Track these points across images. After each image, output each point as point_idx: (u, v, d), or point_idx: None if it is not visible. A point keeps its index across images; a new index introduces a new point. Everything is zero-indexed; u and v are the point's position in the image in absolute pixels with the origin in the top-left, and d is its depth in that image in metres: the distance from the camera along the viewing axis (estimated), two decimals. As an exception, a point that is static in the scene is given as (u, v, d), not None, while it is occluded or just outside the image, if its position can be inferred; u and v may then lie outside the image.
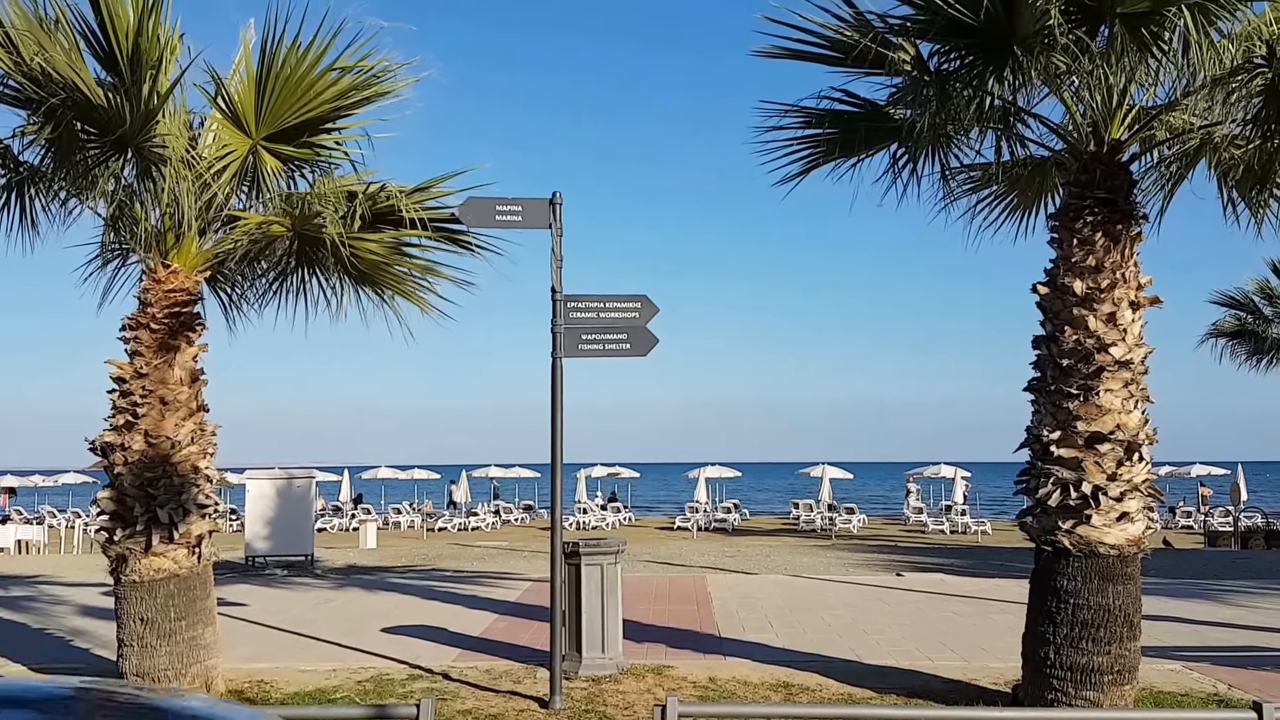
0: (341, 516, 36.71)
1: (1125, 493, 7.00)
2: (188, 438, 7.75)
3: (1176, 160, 8.47)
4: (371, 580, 16.15)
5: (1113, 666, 6.94)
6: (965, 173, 9.00)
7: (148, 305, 7.72)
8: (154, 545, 7.54)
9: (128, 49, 6.67)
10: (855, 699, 7.85)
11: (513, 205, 7.92)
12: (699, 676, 8.50)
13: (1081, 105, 7.27)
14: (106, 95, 6.82)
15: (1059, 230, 7.36)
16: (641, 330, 8.08)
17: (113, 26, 6.65)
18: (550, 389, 7.87)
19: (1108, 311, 7.07)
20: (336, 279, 8.89)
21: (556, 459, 7.88)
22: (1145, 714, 7.07)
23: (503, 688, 8.17)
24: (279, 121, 7.56)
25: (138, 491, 7.57)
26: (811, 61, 7.73)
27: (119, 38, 6.67)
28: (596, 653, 8.56)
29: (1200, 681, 8.29)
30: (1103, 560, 6.96)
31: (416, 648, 9.81)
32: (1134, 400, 7.09)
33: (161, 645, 7.54)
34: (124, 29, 6.63)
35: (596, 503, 40.29)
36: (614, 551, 8.77)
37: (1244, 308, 23.86)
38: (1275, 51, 6.49)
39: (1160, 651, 9.18)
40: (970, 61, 7.02)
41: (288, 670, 8.84)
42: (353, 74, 7.50)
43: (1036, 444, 7.29)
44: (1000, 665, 8.73)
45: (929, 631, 10.66)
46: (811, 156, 8.49)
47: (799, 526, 34.36)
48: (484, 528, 35.22)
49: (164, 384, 7.69)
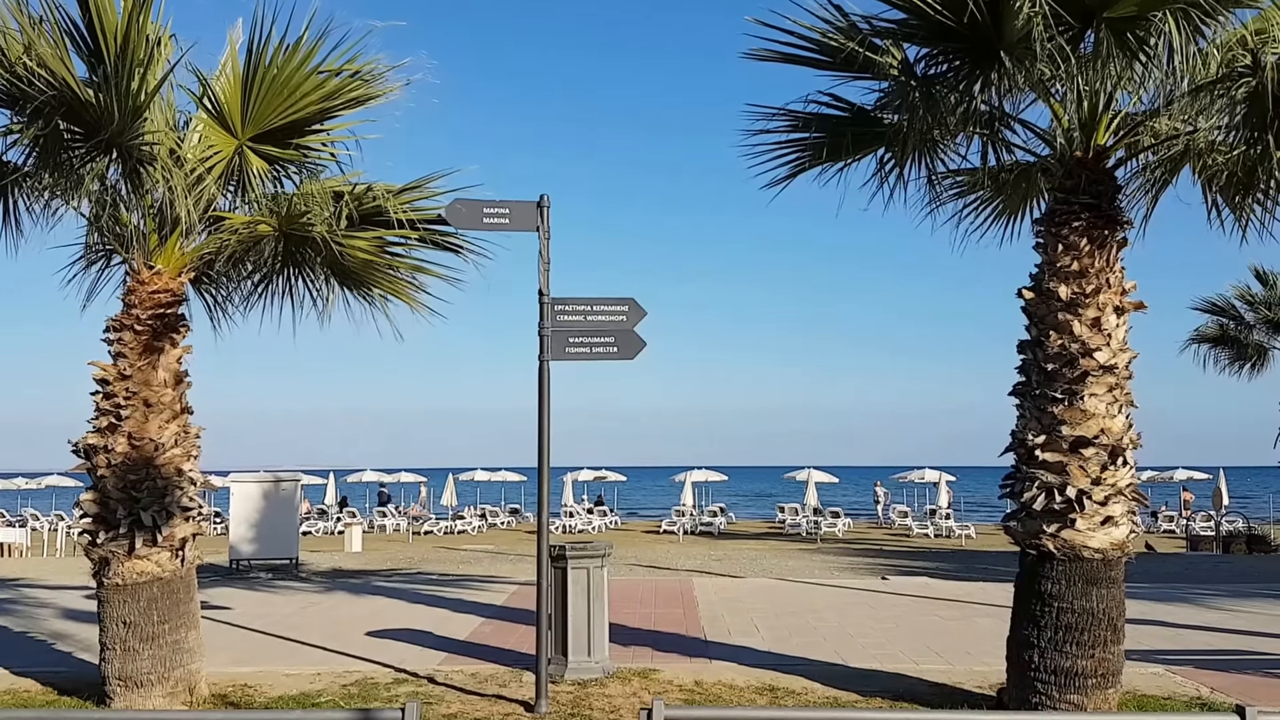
0: (327, 520, 36.57)
1: (1109, 497, 7.03)
2: (171, 440, 7.70)
3: (1161, 166, 8.51)
4: (357, 583, 16.09)
5: (1096, 670, 6.96)
6: (952, 177, 9.02)
7: (132, 307, 7.67)
8: (137, 548, 7.49)
9: (115, 47, 6.63)
10: (841, 702, 7.86)
11: (500, 208, 7.90)
12: (685, 680, 8.49)
13: (1067, 111, 7.31)
14: (94, 94, 6.78)
15: (1044, 235, 7.39)
16: (629, 334, 8.07)
17: (100, 24, 6.62)
18: (537, 392, 7.85)
19: (1092, 316, 7.10)
20: (323, 280, 8.87)
21: (543, 462, 7.86)
22: (1129, 718, 7.10)
23: (488, 691, 8.15)
24: (265, 122, 7.54)
25: (121, 494, 7.52)
26: (800, 65, 7.74)
27: (106, 35, 6.64)
28: (582, 656, 8.54)
29: (1183, 685, 8.32)
30: (1087, 564, 6.99)
31: (402, 651, 9.77)
32: (1118, 405, 7.12)
33: (144, 649, 7.49)
34: (112, 27, 6.59)
35: (583, 506, 40.23)
36: (600, 555, 8.75)
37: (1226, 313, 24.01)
38: (1259, 60, 6.54)
39: (1143, 655, 9.22)
40: (957, 66, 7.04)
41: (272, 674, 8.79)
42: (340, 76, 7.48)
43: (1021, 448, 7.31)
44: (985, 669, 8.75)
45: (914, 635, 10.68)
46: (799, 160, 8.51)
47: (785, 530, 34.38)
48: (470, 531, 35.12)
49: (148, 386, 7.64)
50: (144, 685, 7.49)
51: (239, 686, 8.27)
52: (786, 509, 36.72)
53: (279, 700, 7.89)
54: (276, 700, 7.89)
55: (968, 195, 9.20)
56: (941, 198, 8.96)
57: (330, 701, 7.83)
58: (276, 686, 8.33)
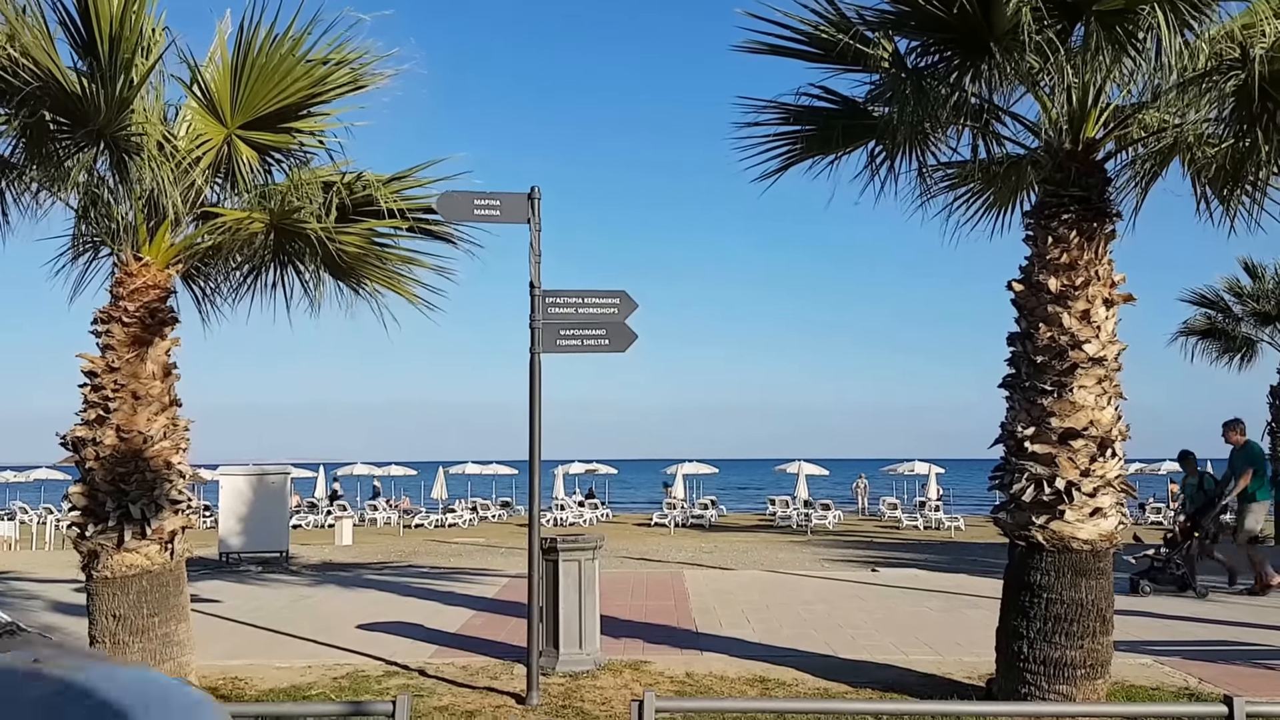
0: (317, 513, 36.51)
1: (1098, 488, 7.06)
2: (160, 432, 7.67)
3: (1151, 159, 8.53)
4: (347, 577, 16.07)
5: (1085, 660, 7.00)
6: (942, 170, 9.04)
7: (120, 299, 7.63)
8: (126, 541, 7.47)
9: (108, 36, 6.60)
10: (831, 693, 7.88)
11: (491, 199, 7.88)
12: (676, 672, 8.51)
13: (1057, 103, 7.32)
14: (81, 83, 6.74)
15: (1034, 228, 7.41)
16: (620, 326, 8.06)
17: (95, 14, 6.57)
18: (528, 384, 7.84)
19: (1082, 309, 7.13)
20: (314, 272, 8.84)
21: (535, 455, 7.86)
22: (1117, 708, 7.12)
23: (480, 684, 8.15)
24: (255, 110, 7.50)
25: (110, 487, 7.49)
26: (791, 57, 7.75)
27: (101, 26, 6.60)
28: (574, 649, 8.55)
29: (1171, 676, 8.37)
30: (1076, 555, 7.02)
31: (393, 644, 9.76)
32: (1107, 397, 7.15)
33: (134, 642, 7.47)
34: (107, 18, 6.55)
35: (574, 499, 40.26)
36: (592, 547, 8.76)
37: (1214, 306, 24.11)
38: (1248, 53, 6.56)
39: (1132, 646, 9.27)
40: (947, 58, 7.06)
41: (262, 667, 8.78)
42: (329, 64, 7.45)
43: (1011, 440, 7.34)
44: (974, 659, 8.78)
45: (904, 626, 10.72)
46: (790, 153, 8.51)
47: (775, 522, 34.45)
48: (461, 524, 35.10)
49: (136, 378, 7.61)
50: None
51: (229, 679, 8.26)
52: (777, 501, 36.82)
53: (270, 693, 7.88)
54: (267, 693, 7.88)
55: (958, 188, 9.21)
56: (932, 191, 8.98)
57: (321, 694, 7.82)
58: (267, 679, 8.32)
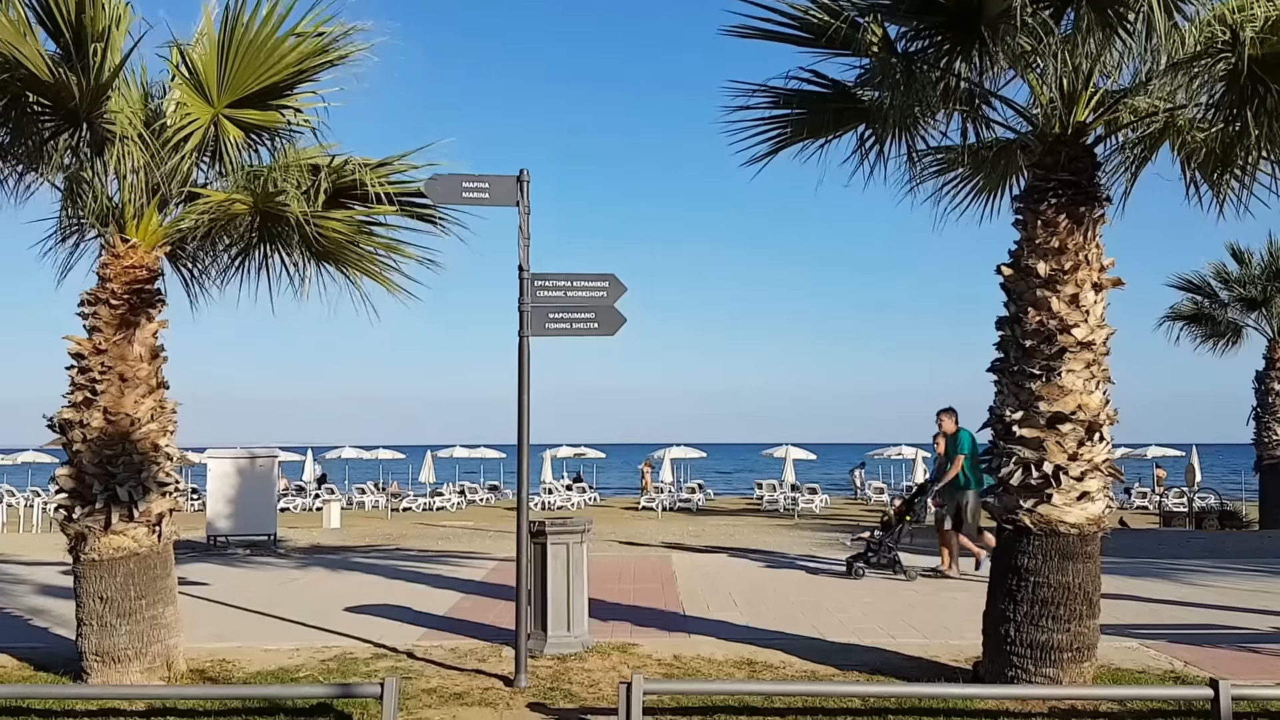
0: (305, 496, 36.47)
1: (1086, 472, 7.09)
2: (148, 415, 7.64)
3: (1140, 143, 8.54)
4: (335, 560, 16.06)
5: (1072, 644, 7.04)
6: (932, 155, 9.04)
7: (107, 281, 7.58)
8: (113, 523, 7.44)
9: (71, 20, 6.53)
10: (819, 676, 7.92)
11: (480, 182, 7.83)
12: (664, 654, 8.53)
13: (1047, 87, 7.31)
14: (54, 69, 6.67)
15: (1023, 212, 7.41)
16: (609, 309, 8.04)
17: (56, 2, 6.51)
18: (517, 368, 7.82)
19: (1070, 293, 7.14)
20: (299, 256, 8.79)
21: (523, 439, 7.84)
22: (1104, 690, 7.18)
23: (468, 666, 8.16)
24: (242, 88, 7.43)
25: (97, 469, 7.46)
26: (780, 41, 7.69)
27: (62, 8, 6.53)
28: (562, 631, 8.56)
29: (1157, 659, 8.43)
30: (1063, 539, 7.05)
31: (381, 627, 9.77)
32: (1095, 381, 7.17)
33: (121, 624, 7.45)
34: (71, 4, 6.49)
35: (562, 483, 40.30)
36: (580, 530, 8.76)
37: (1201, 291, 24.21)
38: (1238, 37, 6.55)
39: (1118, 629, 9.33)
40: (938, 42, 7.03)
41: (250, 649, 8.77)
42: (315, 37, 7.38)
43: (999, 424, 7.36)
44: (961, 643, 8.83)
45: (891, 610, 10.76)
46: (779, 137, 8.48)
47: (762, 506, 34.55)
48: (449, 508, 35.10)
49: (123, 360, 7.57)
50: (121, 661, 7.46)
51: (217, 662, 8.25)
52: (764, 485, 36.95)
53: (257, 675, 7.88)
54: (255, 675, 7.88)
55: (947, 173, 9.22)
56: (922, 175, 8.98)
57: (309, 676, 7.82)
58: (255, 662, 8.32)
